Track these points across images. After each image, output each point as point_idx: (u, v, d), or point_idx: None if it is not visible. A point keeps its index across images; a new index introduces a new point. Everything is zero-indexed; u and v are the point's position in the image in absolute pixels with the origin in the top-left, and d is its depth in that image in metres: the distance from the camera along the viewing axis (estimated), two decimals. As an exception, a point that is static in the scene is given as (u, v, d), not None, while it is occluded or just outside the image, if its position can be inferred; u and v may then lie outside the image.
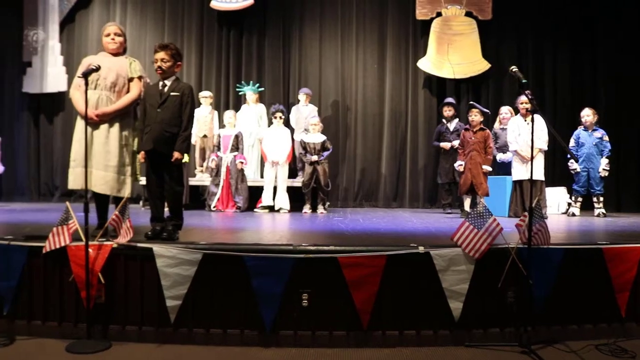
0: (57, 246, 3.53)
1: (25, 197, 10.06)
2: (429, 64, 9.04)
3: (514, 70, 3.68)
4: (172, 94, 3.87)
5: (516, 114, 7.05)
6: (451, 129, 7.68)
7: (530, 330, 3.43)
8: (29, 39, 10.03)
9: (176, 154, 3.83)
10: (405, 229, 5.11)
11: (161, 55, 3.89)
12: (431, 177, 9.07)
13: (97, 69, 3.67)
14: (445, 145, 7.61)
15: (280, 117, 7.77)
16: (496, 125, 7.65)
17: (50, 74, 9.84)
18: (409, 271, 3.52)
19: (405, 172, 9.22)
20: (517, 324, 3.52)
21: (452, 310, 3.49)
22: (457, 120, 7.78)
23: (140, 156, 3.96)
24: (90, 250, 3.44)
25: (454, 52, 8.95)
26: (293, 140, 8.49)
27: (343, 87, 9.42)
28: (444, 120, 7.85)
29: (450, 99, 8.05)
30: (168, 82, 3.92)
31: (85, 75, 3.58)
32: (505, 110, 7.53)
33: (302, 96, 8.59)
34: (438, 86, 9.23)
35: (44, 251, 3.55)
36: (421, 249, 3.51)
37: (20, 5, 10.06)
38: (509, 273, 3.48)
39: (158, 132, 3.82)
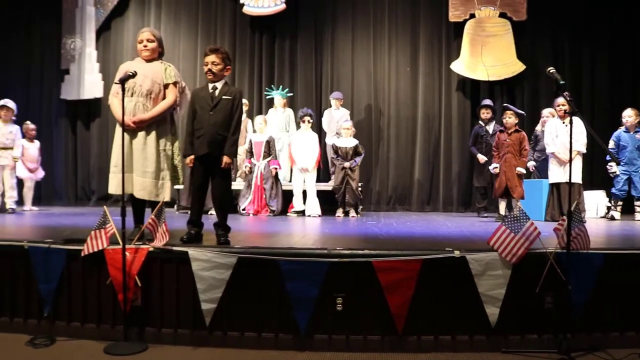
0: (95, 249, 3.59)
1: (63, 201, 10.29)
2: (462, 66, 8.95)
3: (551, 71, 3.60)
4: (224, 97, 3.89)
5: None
6: (490, 132, 7.56)
7: (570, 337, 3.35)
8: (67, 47, 10.27)
9: (225, 158, 3.85)
10: (440, 233, 5.06)
11: (212, 58, 3.92)
12: (465, 181, 8.98)
13: (134, 74, 3.71)
14: (481, 158, 7.51)
15: (309, 121, 7.75)
16: (538, 128, 7.50)
17: (87, 81, 10.06)
18: (444, 275, 3.48)
19: (438, 175, 9.14)
20: (555, 331, 3.44)
21: (489, 316, 3.43)
22: (494, 122, 7.66)
23: (189, 160, 3.98)
24: (127, 253, 3.49)
25: (488, 54, 8.84)
26: (323, 144, 8.51)
27: (375, 90, 9.38)
28: (481, 123, 7.74)
29: (488, 101, 7.94)
30: (219, 86, 3.95)
31: (123, 81, 3.62)
32: (547, 112, 7.38)
33: (333, 101, 8.59)
34: (472, 89, 9.12)
35: (82, 254, 3.62)
36: (457, 253, 3.46)
37: (59, 15, 10.33)
38: (547, 278, 3.40)
39: (212, 135, 3.84)
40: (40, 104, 10.51)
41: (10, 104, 7.77)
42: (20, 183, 8.09)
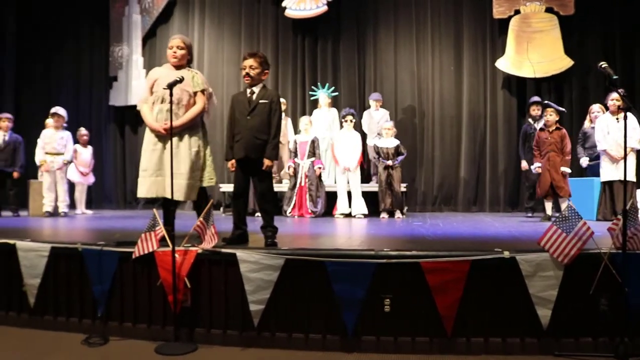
0: (146, 252, 3.67)
1: (112, 204, 10.58)
2: (507, 63, 8.77)
3: (603, 66, 3.49)
4: (261, 101, 3.95)
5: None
6: (538, 129, 7.37)
7: (627, 341, 3.23)
8: (115, 54, 10.57)
9: (267, 161, 3.91)
10: (488, 234, 4.98)
11: (250, 62, 3.98)
12: (512, 180, 8.79)
13: (181, 80, 3.78)
14: (523, 166, 7.36)
15: (351, 121, 7.74)
16: (586, 124, 7.26)
17: (134, 87, 10.32)
18: (493, 276, 3.41)
19: (484, 175, 8.97)
20: (611, 334, 3.33)
21: (540, 318, 3.35)
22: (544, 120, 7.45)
23: (230, 164, 4.06)
24: (176, 255, 3.56)
25: (534, 50, 8.63)
26: (365, 145, 8.48)
27: (419, 90, 9.28)
28: (530, 120, 7.55)
29: (537, 98, 7.75)
30: (256, 90, 4.01)
31: (171, 86, 3.70)
32: (596, 108, 7.13)
33: (372, 102, 8.56)
34: (518, 86, 8.91)
35: (133, 256, 3.70)
36: (506, 253, 3.40)
37: (107, 24, 10.64)
38: (602, 279, 3.29)
39: (249, 139, 3.90)
40: (90, 110, 10.85)
41: (61, 111, 8.03)
42: (71, 187, 8.34)
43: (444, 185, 9.09)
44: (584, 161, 6.96)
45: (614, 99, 6.34)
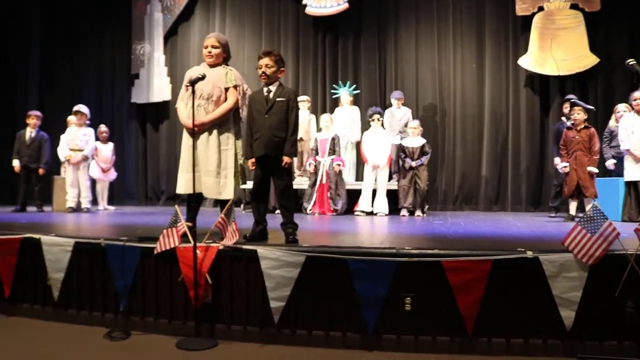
0: (167, 247, 3.69)
1: (134, 200, 10.70)
2: (530, 61, 8.66)
3: (630, 63, 3.43)
4: (278, 99, 3.96)
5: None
6: (565, 128, 7.25)
7: (654, 344, 3.18)
8: (137, 52, 10.68)
9: (285, 159, 3.92)
10: (510, 233, 4.92)
11: (265, 61, 4.00)
12: (534, 180, 8.69)
13: (203, 77, 3.82)
14: (557, 164, 7.24)
15: (378, 119, 7.74)
16: (612, 124, 7.12)
17: (156, 85, 10.42)
18: (516, 276, 3.38)
19: (506, 174, 8.88)
20: (638, 338, 3.27)
21: (564, 319, 3.30)
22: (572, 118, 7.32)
23: (250, 163, 4.08)
24: (198, 251, 3.58)
25: (558, 48, 8.51)
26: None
27: (440, 88, 9.23)
28: (563, 118, 7.41)
29: (572, 96, 7.62)
30: (273, 88, 4.02)
31: (192, 83, 3.74)
32: (622, 107, 6.99)
33: (393, 100, 8.51)
34: (541, 84, 8.80)
35: (155, 252, 3.73)
36: (529, 253, 3.36)
37: (128, 22, 10.74)
38: (628, 281, 3.24)
39: (268, 137, 3.92)
40: (112, 107, 10.99)
41: (84, 109, 8.12)
42: (93, 183, 8.43)
43: (465, 184, 9.03)
44: (610, 163, 6.84)
45: (637, 97, 6.22)
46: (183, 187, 4.15)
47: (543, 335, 3.35)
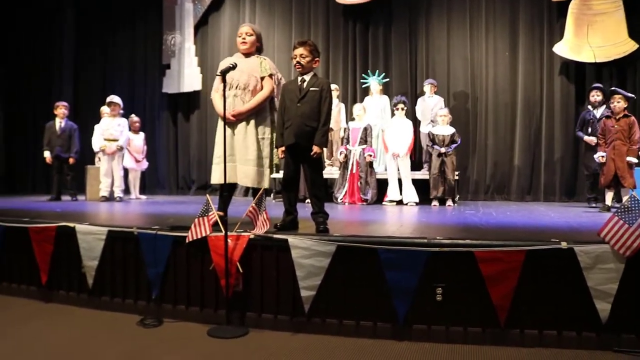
0: (199, 236, 3.73)
1: (165, 190, 10.83)
2: (566, 48, 8.44)
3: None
4: (311, 89, 3.96)
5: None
6: (597, 116, 7.09)
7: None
8: (168, 42, 10.76)
9: (316, 148, 3.92)
10: (544, 223, 4.83)
11: (300, 51, 4.00)
12: (569, 169, 8.50)
13: (234, 66, 3.83)
14: (591, 140, 7.07)
15: (402, 109, 7.67)
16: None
17: (187, 75, 10.49)
18: (550, 268, 3.32)
19: (540, 163, 8.69)
20: (676, 330, 3.20)
21: (599, 312, 3.23)
22: (604, 107, 7.13)
23: (280, 151, 4.09)
24: (229, 240, 3.60)
25: (594, 34, 8.27)
26: (417, 132, 8.39)
27: (472, 76, 9.07)
28: (589, 107, 7.27)
29: (599, 84, 7.45)
30: (307, 78, 4.02)
31: (224, 73, 3.76)
32: None
33: (427, 87, 8.44)
34: (576, 72, 8.58)
35: (187, 241, 3.77)
36: (564, 244, 3.29)
37: (160, 12, 10.83)
38: (666, 273, 3.17)
39: (299, 126, 3.92)
40: (144, 98, 11.12)
41: (117, 99, 8.23)
42: (125, 173, 8.56)
43: (497, 174, 8.89)
44: None
45: None
46: (218, 177, 4.18)
47: (577, 328, 3.28)
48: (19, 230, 4.54)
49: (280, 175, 5.13)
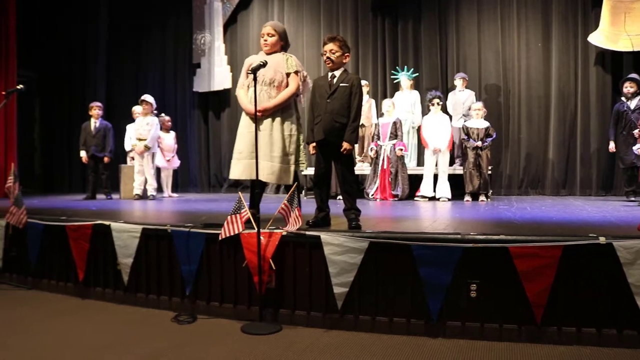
0: (232, 233, 3.74)
1: (197, 188, 10.94)
2: (601, 37, 8.22)
3: None
4: (341, 84, 3.95)
5: None
6: (632, 107, 6.91)
7: None
8: (198, 41, 10.85)
9: (346, 145, 3.90)
10: (580, 218, 4.73)
11: (330, 46, 3.99)
12: (605, 162, 8.28)
13: (265, 64, 3.83)
14: (610, 148, 6.90)
15: (438, 104, 7.61)
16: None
17: (217, 73, 10.56)
18: (587, 263, 3.24)
19: (575, 156, 8.50)
20: None
21: (641, 309, 3.15)
22: (638, 97, 6.97)
23: (311, 147, 4.09)
24: (261, 237, 3.61)
25: (632, 22, 8.01)
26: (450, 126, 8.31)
27: (504, 69, 8.92)
28: (622, 99, 7.10)
29: (634, 75, 7.25)
30: (337, 73, 4.01)
31: (254, 70, 3.76)
32: None
33: (458, 81, 8.35)
34: (613, 62, 8.35)
35: (220, 238, 3.78)
36: (602, 239, 3.20)
37: (189, 12, 10.93)
38: None
39: (328, 122, 3.91)
40: (175, 97, 11.24)
41: (149, 98, 8.33)
42: (158, 171, 8.66)
43: (531, 168, 8.74)
44: None
45: None
46: (239, 172, 4.19)
47: (617, 326, 3.20)
48: (56, 229, 4.64)
49: (310, 172, 5.14)
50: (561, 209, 5.72)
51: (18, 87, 5.49)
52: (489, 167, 7.39)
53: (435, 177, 7.55)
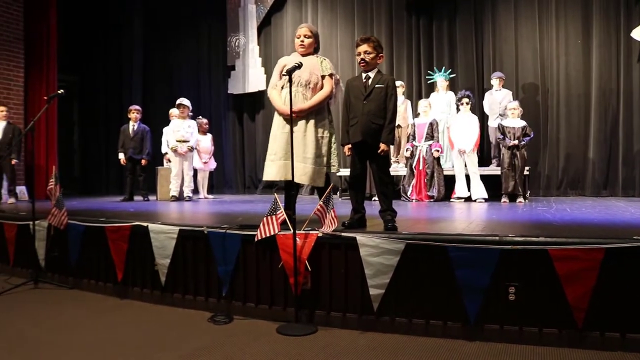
0: (268, 235, 3.74)
1: (232, 189, 11.06)
2: (645, 32, 8.00)
3: None
4: (376, 86, 3.94)
5: None
6: None
7: None
8: (232, 44, 10.97)
9: (382, 146, 3.89)
10: (624, 220, 4.60)
11: (364, 47, 3.97)
12: (650, 162, 8.07)
13: (300, 65, 3.84)
14: None
15: (467, 103, 7.52)
16: None
17: (251, 75, 10.66)
18: (632, 267, 3.13)
19: (617, 156, 8.27)
20: None
21: (689, 314, 3.04)
22: None
23: (346, 149, 4.08)
24: (297, 239, 3.61)
25: (677, 17, 7.78)
26: (485, 126, 8.19)
27: (542, 67, 8.75)
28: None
29: None
30: (371, 75, 4.00)
31: (290, 72, 3.77)
32: None
33: (494, 81, 8.24)
34: (657, 58, 8.14)
35: (256, 239, 3.79)
36: (647, 242, 3.12)
37: (223, 15, 11.05)
38: None
39: (365, 124, 3.90)
40: (210, 99, 11.39)
41: (186, 101, 8.45)
42: (194, 173, 8.77)
43: (570, 168, 8.55)
44: None
45: None
46: (273, 174, 4.20)
47: (665, 331, 3.10)
48: (96, 230, 4.73)
49: (345, 173, 5.13)
50: (602, 211, 5.58)
51: (59, 92, 5.61)
52: (526, 168, 7.25)
53: (467, 178, 7.44)
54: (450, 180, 7.65)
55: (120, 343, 3.34)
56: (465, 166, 7.43)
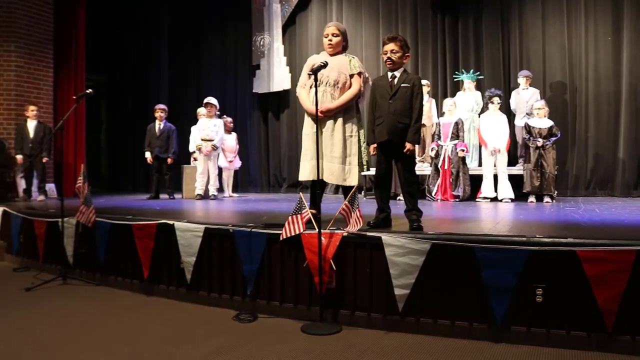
0: (293, 234, 3.75)
1: (257, 188, 11.11)
2: (678, 29, 7.81)
3: None
4: (402, 85, 3.92)
5: None
6: None
7: None
8: (257, 43, 11.02)
9: (409, 145, 3.87)
10: (655, 221, 4.52)
11: (391, 46, 3.95)
12: (681, 162, 7.88)
13: (325, 65, 3.83)
14: None
15: (497, 102, 7.44)
16: None
17: (276, 74, 10.70)
18: (664, 269, 3.08)
19: (648, 156, 8.13)
20: None
21: None
22: None
23: (372, 148, 4.07)
24: (322, 238, 3.61)
25: None
26: (512, 126, 8.10)
27: (570, 65, 8.60)
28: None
29: None
30: (397, 74, 3.97)
31: (315, 72, 3.77)
32: None
33: (521, 79, 8.15)
34: (690, 55, 7.94)
35: (281, 238, 3.80)
36: (680, 243, 3.05)
37: (248, 14, 11.10)
38: None
39: (391, 123, 3.89)
40: (235, 98, 11.46)
41: (213, 100, 8.50)
42: (219, 172, 8.83)
43: (599, 168, 8.39)
44: None
45: None
46: (307, 174, 4.21)
47: (699, 335, 3.03)
48: (123, 227, 4.80)
49: (370, 172, 5.11)
50: (633, 211, 5.46)
51: (87, 91, 5.69)
52: (555, 167, 7.15)
53: (495, 177, 7.37)
54: (475, 180, 7.57)
55: (146, 339, 3.38)
56: (494, 166, 7.35)
